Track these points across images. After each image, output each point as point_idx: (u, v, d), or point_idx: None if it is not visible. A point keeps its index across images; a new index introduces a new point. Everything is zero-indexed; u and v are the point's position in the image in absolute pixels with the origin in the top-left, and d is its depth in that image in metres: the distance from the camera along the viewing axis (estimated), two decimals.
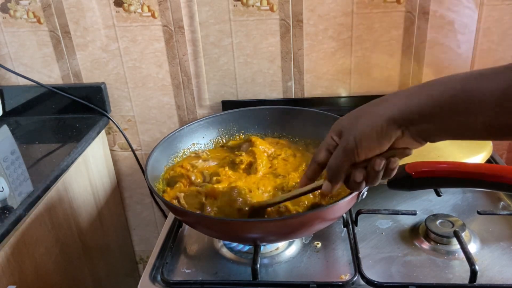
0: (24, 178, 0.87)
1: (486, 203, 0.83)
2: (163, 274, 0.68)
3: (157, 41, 1.07)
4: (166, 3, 1.02)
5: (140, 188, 1.28)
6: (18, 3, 1.05)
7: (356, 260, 0.69)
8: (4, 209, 0.76)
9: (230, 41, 1.05)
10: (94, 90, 1.11)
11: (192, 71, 1.09)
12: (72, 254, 0.98)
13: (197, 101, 1.13)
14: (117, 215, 1.26)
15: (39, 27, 1.07)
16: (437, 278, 0.67)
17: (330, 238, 0.76)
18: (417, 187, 0.64)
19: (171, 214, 0.83)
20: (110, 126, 1.18)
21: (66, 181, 0.96)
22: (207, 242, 0.78)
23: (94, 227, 1.09)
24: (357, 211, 0.77)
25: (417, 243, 0.74)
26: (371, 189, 0.67)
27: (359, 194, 0.66)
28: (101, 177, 1.14)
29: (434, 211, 0.79)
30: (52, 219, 0.90)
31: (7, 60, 1.11)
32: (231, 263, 0.72)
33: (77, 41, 1.08)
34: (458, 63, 1.04)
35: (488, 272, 0.67)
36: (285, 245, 0.74)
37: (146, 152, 1.22)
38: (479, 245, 0.72)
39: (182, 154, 0.84)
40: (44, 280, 0.86)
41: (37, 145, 1.02)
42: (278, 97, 1.10)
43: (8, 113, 1.14)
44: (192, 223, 0.69)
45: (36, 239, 0.84)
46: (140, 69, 1.10)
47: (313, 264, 0.71)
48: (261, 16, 1.01)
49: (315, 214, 0.62)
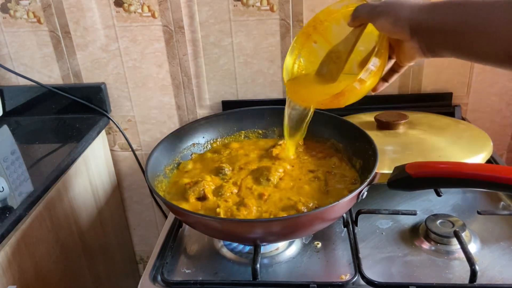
0: (24, 178, 0.87)
1: (486, 203, 0.83)
2: (163, 274, 0.68)
3: (157, 41, 1.07)
4: (166, 3, 1.02)
5: (140, 188, 1.28)
6: (18, 3, 1.05)
7: (356, 260, 0.69)
8: (4, 209, 0.76)
9: (230, 41, 1.05)
10: (94, 90, 1.11)
11: (192, 71, 1.09)
12: (72, 254, 0.98)
13: (197, 101, 1.13)
14: (117, 215, 1.26)
15: (39, 27, 1.07)
16: (437, 278, 0.67)
17: (330, 238, 0.76)
18: (417, 187, 0.64)
19: (171, 214, 0.83)
20: (110, 126, 1.18)
21: (66, 181, 0.96)
22: (207, 242, 0.78)
23: (94, 227, 1.09)
24: (357, 211, 0.77)
25: (417, 243, 0.74)
26: (371, 189, 0.68)
27: (359, 194, 0.66)
28: (101, 177, 1.14)
29: (434, 211, 0.79)
30: (52, 219, 0.90)
31: (7, 60, 1.11)
32: (231, 263, 0.72)
33: (77, 41, 1.08)
34: (459, 63, 1.04)
35: (488, 272, 0.67)
36: (285, 245, 0.74)
37: (146, 152, 1.22)
38: (479, 245, 0.72)
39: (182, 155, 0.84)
40: (44, 280, 0.86)
41: (37, 145, 1.02)
42: (278, 97, 1.10)
43: (8, 113, 1.14)
44: (192, 223, 0.69)
45: (36, 239, 0.84)
46: (140, 69, 1.10)
47: (313, 264, 0.71)
48: (261, 16, 1.01)
49: (315, 214, 0.62)
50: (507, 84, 1.06)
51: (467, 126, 0.93)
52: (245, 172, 0.78)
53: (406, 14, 0.54)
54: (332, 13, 0.68)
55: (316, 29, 0.70)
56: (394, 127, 0.89)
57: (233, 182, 0.76)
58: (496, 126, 1.11)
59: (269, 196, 0.72)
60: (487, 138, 0.86)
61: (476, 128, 0.91)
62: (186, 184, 0.75)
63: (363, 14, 0.59)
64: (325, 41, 0.69)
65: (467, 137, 0.87)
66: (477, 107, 1.09)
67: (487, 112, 1.10)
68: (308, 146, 0.85)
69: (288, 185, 0.75)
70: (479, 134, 0.88)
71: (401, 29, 0.54)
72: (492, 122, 1.11)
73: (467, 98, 1.08)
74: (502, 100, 1.08)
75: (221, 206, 0.69)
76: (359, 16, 0.59)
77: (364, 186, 0.65)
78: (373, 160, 0.69)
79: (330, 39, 0.68)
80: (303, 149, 0.84)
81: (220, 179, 0.77)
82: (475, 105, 1.09)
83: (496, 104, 1.09)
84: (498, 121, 1.11)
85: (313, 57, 0.71)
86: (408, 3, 0.55)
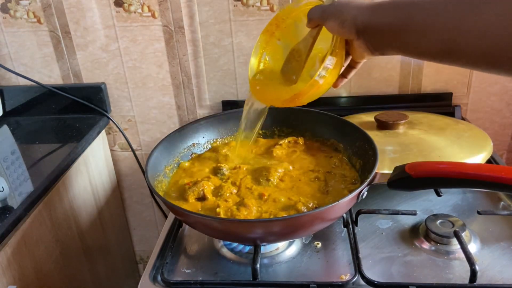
0: (24, 178, 0.87)
1: (486, 203, 0.83)
2: (163, 274, 0.68)
3: (157, 41, 1.07)
4: (166, 3, 1.02)
5: (140, 188, 1.28)
6: (18, 3, 1.05)
7: (356, 260, 0.69)
8: (4, 209, 0.76)
9: (230, 41, 1.05)
10: (94, 90, 1.11)
11: (192, 71, 1.09)
12: (72, 254, 0.98)
13: (197, 101, 1.13)
14: (117, 215, 1.26)
15: (39, 27, 1.07)
16: (437, 278, 0.67)
17: (330, 238, 0.76)
18: (417, 187, 0.64)
19: (171, 214, 0.83)
20: (110, 126, 1.18)
21: (66, 181, 0.96)
22: (207, 242, 0.77)
23: (94, 227, 1.09)
24: (357, 211, 0.77)
25: (417, 243, 0.74)
26: (371, 189, 0.68)
27: (359, 194, 0.66)
28: (101, 177, 1.14)
29: (434, 211, 0.79)
30: (52, 219, 0.90)
31: (7, 60, 1.11)
32: (231, 263, 0.72)
33: (77, 41, 1.08)
34: None
35: (488, 272, 0.67)
36: (285, 245, 0.74)
37: (146, 152, 1.22)
38: (479, 245, 0.72)
39: (182, 155, 0.84)
40: (44, 280, 0.86)
41: (37, 145, 1.02)
42: None
43: (8, 113, 1.14)
44: (192, 223, 0.69)
45: (36, 239, 0.84)
46: (140, 69, 1.10)
47: (313, 264, 0.71)
48: (261, 16, 1.01)
49: (315, 214, 0.62)
50: (507, 84, 1.06)
51: (467, 126, 0.93)
52: (244, 172, 0.78)
53: (352, 15, 0.56)
54: (293, 11, 0.70)
55: (278, 27, 0.71)
56: (394, 127, 0.89)
57: (232, 182, 0.76)
58: (496, 126, 1.11)
59: (269, 196, 0.72)
60: (487, 138, 0.86)
61: (476, 128, 0.91)
62: (186, 184, 0.76)
63: (315, 16, 0.61)
64: (288, 38, 0.71)
65: (467, 137, 0.87)
66: (477, 107, 1.09)
67: (487, 112, 1.10)
68: (308, 146, 0.85)
69: (288, 185, 0.75)
70: (479, 134, 0.88)
71: (348, 30, 0.57)
72: (492, 122, 1.11)
73: (467, 98, 1.08)
74: (502, 100, 1.08)
75: (221, 206, 0.69)
76: (312, 18, 0.62)
77: (364, 186, 0.65)
78: (373, 160, 0.69)
79: (293, 36, 0.70)
80: (303, 149, 0.84)
81: (219, 179, 0.77)
82: (475, 105, 1.09)
83: (496, 104, 1.09)
84: (498, 121, 1.11)
85: (278, 55, 0.72)
86: (355, 4, 0.57)
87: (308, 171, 0.78)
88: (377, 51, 0.58)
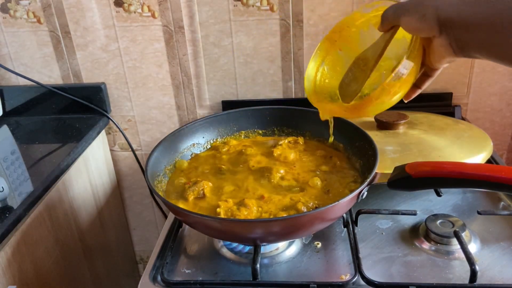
0: (24, 178, 0.87)
1: (486, 203, 0.83)
2: (163, 274, 0.68)
3: (157, 41, 1.07)
4: (166, 3, 1.02)
5: (140, 188, 1.28)
6: (18, 3, 1.05)
7: (356, 260, 0.69)
8: (4, 209, 0.76)
9: (230, 41, 1.05)
10: (94, 90, 1.11)
11: (192, 71, 1.09)
12: (72, 254, 0.98)
13: (197, 101, 1.13)
14: (117, 215, 1.26)
15: (39, 27, 1.07)
16: (437, 278, 0.67)
17: (330, 238, 0.76)
18: (417, 187, 0.64)
19: (171, 214, 0.83)
20: (110, 126, 1.18)
21: (66, 181, 0.96)
22: (207, 242, 0.77)
23: (94, 227, 1.09)
24: (357, 211, 0.77)
25: (417, 243, 0.74)
26: (371, 189, 0.68)
27: (359, 194, 0.66)
28: (101, 177, 1.14)
29: (434, 211, 0.79)
30: (52, 219, 0.90)
31: (7, 60, 1.11)
32: (231, 263, 0.72)
33: (77, 41, 1.08)
34: (459, 63, 1.04)
35: (488, 272, 0.67)
36: (285, 245, 0.74)
37: (146, 152, 1.22)
38: (479, 245, 0.72)
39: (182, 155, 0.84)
40: (44, 280, 0.86)
41: (37, 145, 1.02)
42: (278, 97, 1.10)
43: (8, 113, 1.14)
44: (192, 223, 0.69)
45: (36, 239, 0.84)
46: (140, 69, 1.10)
47: (313, 264, 0.71)
48: (261, 16, 1.01)
49: (315, 214, 0.62)
50: (507, 84, 1.06)
51: (467, 126, 0.93)
52: (244, 172, 0.78)
53: (434, 7, 0.48)
54: (360, 18, 0.63)
55: (342, 35, 0.64)
56: (394, 127, 0.89)
57: (232, 181, 0.76)
58: (496, 126, 1.11)
59: (269, 196, 0.72)
60: (487, 138, 0.86)
61: (476, 128, 0.91)
62: (186, 184, 0.76)
63: (389, 14, 0.53)
64: (352, 48, 0.64)
65: (467, 137, 0.87)
66: (477, 107, 1.09)
67: (487, 112, 1.10)
68: (308, 146, 0.85)
69: (288, 185, 0.75)
70: (479, 134, 0.88)
71: (428, 25, 0.49)
72: (492, 122, 1.11)
73: (467, 98, 1.08)
74: (502, 100, 1.08)
75: (221, 206, 0.69)
76: (387, 17, 0.54)
77: (364, 186, 0.65)
78: (373, 160, 0.69)
79: (358, 47, 0.62)
80: (303, 149, 0.84)
81: (219, 178, 0.77)
82: (475, 105, 1.09)
83: (496, 104, 1.09)
84: (498, 121, 1.11)
85: (338, 66, 0.65)
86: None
87: (308, 171, 0.78)
88: (462, 52, 0.49)
